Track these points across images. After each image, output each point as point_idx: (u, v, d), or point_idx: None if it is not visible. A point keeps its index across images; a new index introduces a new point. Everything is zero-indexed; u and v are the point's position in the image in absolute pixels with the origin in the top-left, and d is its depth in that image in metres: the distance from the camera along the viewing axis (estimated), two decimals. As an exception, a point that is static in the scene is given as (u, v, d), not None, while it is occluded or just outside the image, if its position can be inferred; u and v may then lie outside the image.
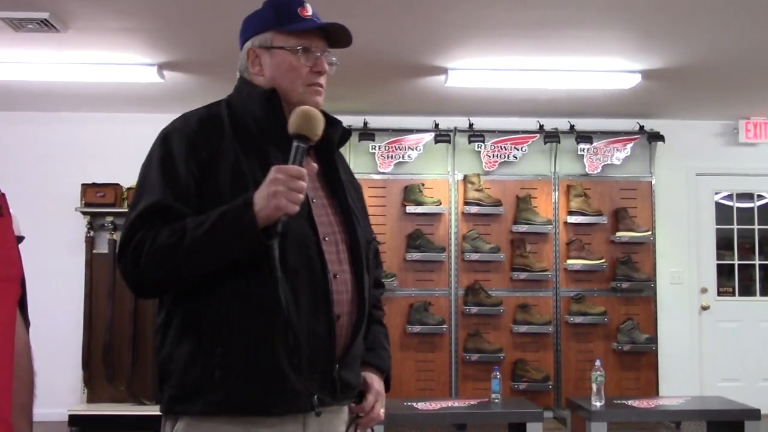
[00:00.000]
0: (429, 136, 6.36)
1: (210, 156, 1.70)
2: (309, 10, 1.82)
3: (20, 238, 2.45)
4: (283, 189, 1.57)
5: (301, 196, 1.60)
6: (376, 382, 1.87)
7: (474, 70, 5.18)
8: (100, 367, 6.10)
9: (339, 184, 1.84)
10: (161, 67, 5.10)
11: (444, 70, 5.20)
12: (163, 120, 1.86)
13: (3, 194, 1.29)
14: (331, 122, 1.85)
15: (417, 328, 6.16)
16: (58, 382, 5.91)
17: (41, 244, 5.72)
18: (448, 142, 6.35)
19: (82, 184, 6.17)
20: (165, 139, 1.74)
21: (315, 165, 1.71)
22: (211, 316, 1.66)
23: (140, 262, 1.62)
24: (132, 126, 6.27)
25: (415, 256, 6.20)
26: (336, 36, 1.83)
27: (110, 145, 6.33)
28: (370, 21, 4.23)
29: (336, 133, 1.86)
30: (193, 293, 1.68)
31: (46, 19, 4.07)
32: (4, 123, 6.38)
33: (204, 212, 1.65)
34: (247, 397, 1.63)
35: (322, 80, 1.82)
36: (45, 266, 5.79)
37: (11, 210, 2.45)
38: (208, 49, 4.78)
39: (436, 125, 6.40)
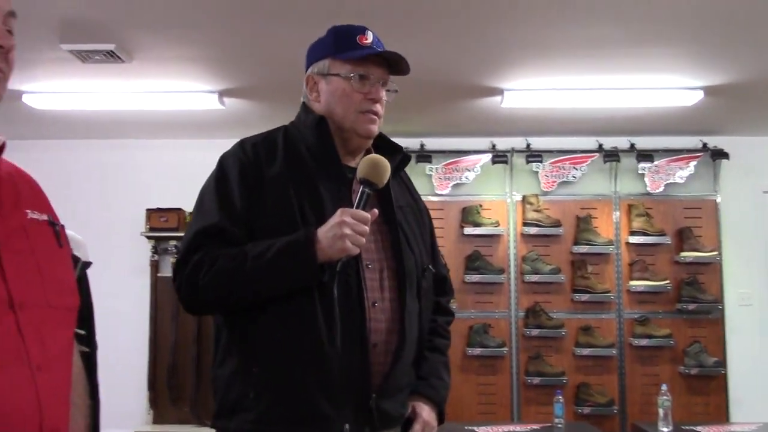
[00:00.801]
0: (486, 157, 6.33)
1: (259, 180, 1.74)
2: (369, 38, 1.83)
3: (88, 264, 2.52)
4: (349, 232, 1.62)
5: (364, 240, 1.65)
6: (425, 412, 1.85)
7: (530, 90, 5.14)
8: (165, 388, 6.22)
9: (392, 210, 1.84)
10: (222, 94, 5.22)
11: (500, 91, 5.17)
12: (223, 145, 1.92)
13: (62, 225, 1.31)
14: (390, 149, 1.87)
15: (477, 351, 6.09)
16: (126, 403, 6.03)
17: (108, 269, 5.86)
18: (506, 162, 6.31)
19: (147, 209, 6.32)
20: (222, 163, 1.81)
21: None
22: (252, 337, 1.71)
23: (198, 283, 1.68)
24: (193, 152, 6.38)
25: (474, 278, 6.15)
26: (395, 64, 1.85)
27: (173, 170, 6.46)
28: (425, 43, 4.26)
29: (394, 161, 1.86)
30: (238, 314, 1.73)
31: (111, 51, 4.21)
32: (74, 151, 6.59)
33: (251, 234, 1.71)
34: (278, 419, 1.66)
35: (377, 108, 1.83)
36: (112, 290, 5.88)
37: (80, 236, 2.53)
38: (267, 76, 4.87)
39: (493, 146, 6.37)
